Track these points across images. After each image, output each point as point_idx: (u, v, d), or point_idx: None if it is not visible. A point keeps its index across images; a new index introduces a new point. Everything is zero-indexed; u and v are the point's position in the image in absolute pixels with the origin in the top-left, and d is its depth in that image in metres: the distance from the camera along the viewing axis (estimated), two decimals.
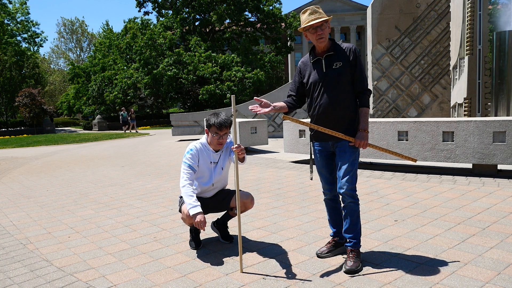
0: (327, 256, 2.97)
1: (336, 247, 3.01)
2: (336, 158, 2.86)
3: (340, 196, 2.82)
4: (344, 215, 2.83)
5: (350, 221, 2.80)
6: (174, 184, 6.24)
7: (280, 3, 34.56)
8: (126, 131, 25.15)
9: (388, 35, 11.63)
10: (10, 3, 39.77)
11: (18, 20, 41.67)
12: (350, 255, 2.76)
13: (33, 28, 43.44)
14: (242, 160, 3.07)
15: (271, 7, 33.91)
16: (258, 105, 2.78)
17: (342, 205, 2.87)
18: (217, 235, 3.53)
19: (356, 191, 2.79)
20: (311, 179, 3.07)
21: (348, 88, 2.77)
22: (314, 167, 3.04)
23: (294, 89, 2.98)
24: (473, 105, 8.93)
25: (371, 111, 12.07)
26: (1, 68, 34.11)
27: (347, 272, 2.67)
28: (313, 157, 3.03)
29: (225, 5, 31.77)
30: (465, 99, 9.02)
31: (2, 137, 27.87)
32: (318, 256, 2.97)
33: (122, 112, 26.18)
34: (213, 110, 19.46)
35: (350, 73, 2.76)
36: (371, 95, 11.93)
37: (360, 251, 2.83)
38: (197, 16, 34.42)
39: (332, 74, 2.76)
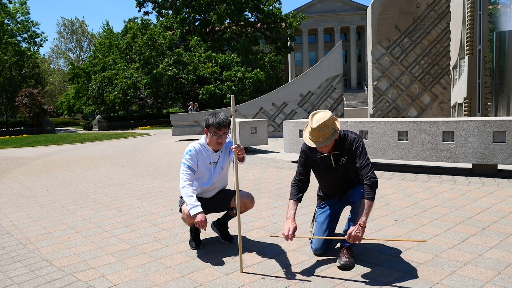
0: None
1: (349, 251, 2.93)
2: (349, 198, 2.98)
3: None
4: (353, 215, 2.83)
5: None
6: (174, 184, 6.24)
7: (280, 3, 34.56)
8: None
9: (388, 35, 11.63)
10: (10, 3, 39.80)
11: (18, 20, 41.70)
12: (345, 251, 2.80)
13: (33, 28, 43.49)
14: (241, 160, 3.06)
15: (271, 7, 33.90)
16: (288, 236, 2.74)
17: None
18: (217, 235, 3.53)
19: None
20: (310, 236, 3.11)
21: (357, 173, 2.87)
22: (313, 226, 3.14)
23: (303, 173, 2.97)
24: (473, 105, 8.92)
25: (371, 111, 12.07)
26: (1, 68, 34.11)
27: (342, 267, 2.71)
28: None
29: (225, 5, 31.77)
30: (465, 99, 9.02)
31: (2, 137, 27.88)
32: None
33: (190, 107, 25.34)
34: (212, 110, 19.46)
35: (356, 162, 2.82)
36: (374, 94, 11.94)
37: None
38: (197, 16, 34.41)
39: (341, 167, 2.89)
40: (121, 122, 36.36)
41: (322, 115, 2.69)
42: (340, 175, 2.92)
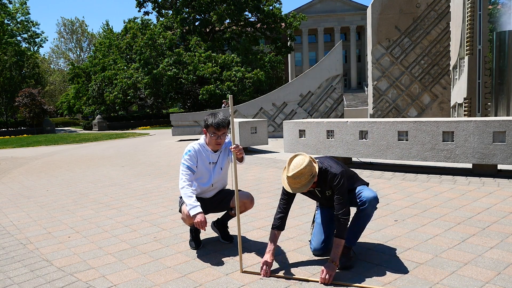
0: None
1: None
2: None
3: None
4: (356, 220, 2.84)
5: (362, 226, 2.86)
6: (174, 184, 6.24)
7: (280, 3, 34.55)
8: None
9: (388, 35, 11.63)
10: (10, 3, 39.78)
11: (18, 20, 41.68)
12: (345, 251, 2.77)
13: (33, 28, 43.45)
14: (240, 160, 3.06)
15: (271, 7, 33.88)
16: (264, 271, 2.70)
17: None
18: (217, 235, 3.53)
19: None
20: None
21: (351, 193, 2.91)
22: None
23: (289, 202, 2.87)
24: (473, 105, 8.93)
25: (371, 111, 12.07)
26: (1, 68, 34.11)
27: (341, 267, 2.71)
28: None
29: (225, 5, 31.76)
30: (465, 99, 9.02)
31: (2, 137, 27.88)
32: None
33: (224, 105, 24.69)
34: (212, 110, 19.45)
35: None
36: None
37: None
38: (197, 16, 34.40)
39: (327, 197, 2.92)
40: (121, 122, 36.36)
41: (299, 162, 2.63)
42: (328, 203, 2.96)
